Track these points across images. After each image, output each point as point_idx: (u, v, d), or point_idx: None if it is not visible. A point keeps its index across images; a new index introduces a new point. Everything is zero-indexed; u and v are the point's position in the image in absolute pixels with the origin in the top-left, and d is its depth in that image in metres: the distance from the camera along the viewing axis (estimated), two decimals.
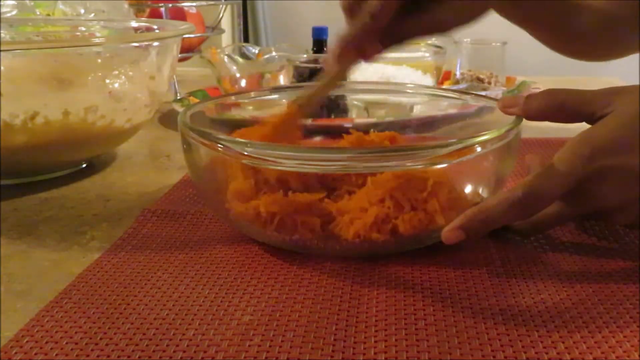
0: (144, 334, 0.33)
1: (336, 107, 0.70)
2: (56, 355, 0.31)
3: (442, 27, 0.46)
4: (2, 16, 0.74)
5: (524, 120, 0.43)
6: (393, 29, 0.45)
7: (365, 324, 0.33)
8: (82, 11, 0.78)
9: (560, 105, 0.41)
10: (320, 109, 0.68)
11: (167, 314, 0.34)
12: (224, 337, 0.32)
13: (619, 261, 0.40)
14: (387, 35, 0.45)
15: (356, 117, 0.70)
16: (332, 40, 0.46)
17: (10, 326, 0.34)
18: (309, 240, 0.40)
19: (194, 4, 1.05)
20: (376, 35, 0.45)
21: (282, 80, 0.83)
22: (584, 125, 0.40)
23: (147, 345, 0.32)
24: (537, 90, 0.53)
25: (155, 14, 0.99)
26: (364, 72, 0.85)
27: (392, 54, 0.92)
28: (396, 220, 0.39)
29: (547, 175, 0.38)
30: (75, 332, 0.33)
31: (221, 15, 1.08)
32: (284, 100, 0.60)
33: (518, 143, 0.44)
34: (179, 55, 0.71)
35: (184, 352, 0.31)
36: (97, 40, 0.65)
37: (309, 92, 0.47)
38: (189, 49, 1.00)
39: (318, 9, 2.34)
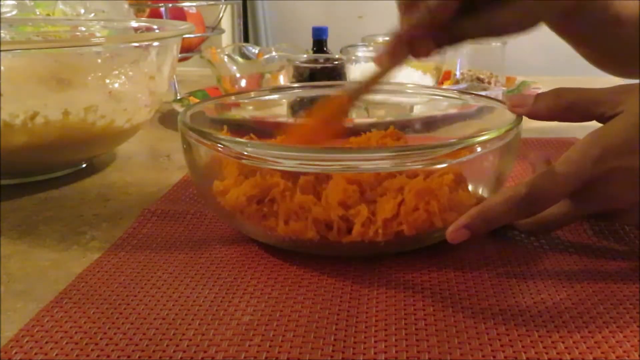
0: (144, 334, 0.33)
1: None
2: (56, 355, 0.31)
3: (498, 31, 0.45)
4: (2, 16, 0.74)
5: (524, 120, 0.43)
6: (449, 29, 0.44)
7: (365, 324, 0.33)
8: (82, 11, 0.78)
9: (570, 105, 0.41)
10: None
11: (167, 314, 0.34)
12: (224, 337, 0.32)
13: (619, 261, 0.40)
14: (442, 35, 0.44)
15: (356, 117, 0.70)
16: (386, 37, 0.45)
17: (10, 326, 0.34)
18: (309, 239, 0.40)
19: (194, 4, 1.05)
20: (430, 34, 0.44)
21: (282, 80, 0.83)
22: (587, 125, 0.40)
23: (147, 345, 0.32)
24: (537, 91, 0.52)
25: (155, 14, 0.99)
26: (363, 72, 0.85)
27: None
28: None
29: (553, 175, 0.37)
30: (75, 332, 0.33)
31: (221, 15, 1.08)
32: (284, 100, 0.60)
33: (518, 143, 0.44)
34: (179, 55, 0.71)
35: (184, 352, 0.31)
36: (97, 40, 0.65)
37: (358, 84, 0.46)
38: (189, 49, 1.00)
39: (318, 9, 2.34)
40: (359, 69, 0.87)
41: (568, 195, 0.39)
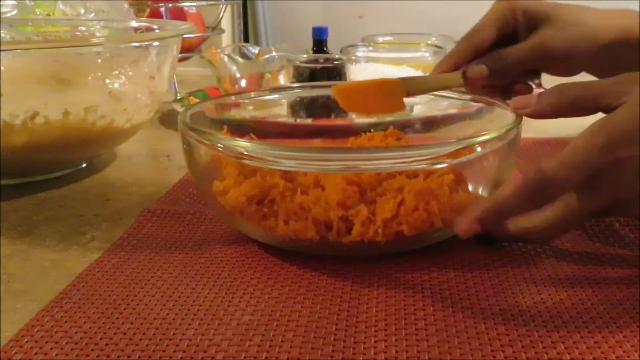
0: (144, 334, 0.33)
1: (336, 107, 0.70)
2: (56, 355, 0.31)
3: (542, 60, 0.52)
4: (2, 16, 0.74)
5: (524, 119, 0.43)
6: (500, 57, 0.51)
7: (365, 324, 0.33)
8: (82, 11, 0.78)
9: (574, 100, 0.40)
10: (321, 108, 0.68)
11: (167, 314, 0.34)
12: (224, 337, 0.32)
13: (618, 261, 0.40)
14: (495, 64, 0.51)
15: (356, 117, 0.70)
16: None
17: (10, 326, 0.34)
18: (309, 239, 0.40)
19: (194, 4, 1.05)
20: (479, 57, 0.51)
21: (282, 80, 0.83)
22: (588, 123, 0.40)
23: (147, 345, 0.32)
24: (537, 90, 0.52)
25: (155, 14, 0.99)
26: (363, 71, 0.85)
27: (392, 54, 0.92)
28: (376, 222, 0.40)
29: (561, 161, 0.37)
30: (75, 332, 0.33)
31: (221, 15, 1.08)
32: (284, 100, 0.60)
33: (518, 143, 0.44)
34: (179, 55, 0.71)
35: (184, 352, 0.31)
36: (97, 40, 0.65)
37: (420, 76, 0.49)
38: (189, 49, 1.00)
39: (318, 9, 2.34)
40: (359, 69, 0.87)
41: (575, 185, 0.38)
